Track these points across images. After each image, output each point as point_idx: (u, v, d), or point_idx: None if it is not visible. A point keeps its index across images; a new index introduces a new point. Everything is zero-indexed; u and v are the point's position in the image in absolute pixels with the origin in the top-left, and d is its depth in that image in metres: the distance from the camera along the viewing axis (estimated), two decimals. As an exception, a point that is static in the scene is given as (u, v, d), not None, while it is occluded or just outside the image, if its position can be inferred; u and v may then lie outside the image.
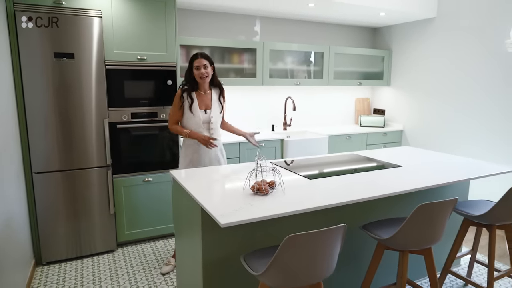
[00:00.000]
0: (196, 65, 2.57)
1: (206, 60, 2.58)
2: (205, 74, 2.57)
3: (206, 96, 2.68)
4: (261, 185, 1.83)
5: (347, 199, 1.79)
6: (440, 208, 1.72)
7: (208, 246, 1.82)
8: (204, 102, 2.67)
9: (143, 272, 2.80)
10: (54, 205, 2.86)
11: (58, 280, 2.69)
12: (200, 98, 2.66)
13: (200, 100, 2.65)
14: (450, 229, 2.71)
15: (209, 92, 2.70)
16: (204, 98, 2.67)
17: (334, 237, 1.42)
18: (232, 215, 1.56)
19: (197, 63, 2.56)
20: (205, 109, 2.66)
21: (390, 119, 4.84)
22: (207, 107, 2.67)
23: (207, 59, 2.59)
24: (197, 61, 2.56)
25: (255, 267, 1.55)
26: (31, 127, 2.71)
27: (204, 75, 2.57)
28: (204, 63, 2.56)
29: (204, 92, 2.67)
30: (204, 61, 2.57)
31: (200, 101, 2.65)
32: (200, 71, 2.56)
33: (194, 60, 2.58)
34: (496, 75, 3.55)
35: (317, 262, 1.44)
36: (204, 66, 2.57)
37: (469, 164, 2.59)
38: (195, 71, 2.58)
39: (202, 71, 2.56)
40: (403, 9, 3.87)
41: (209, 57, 2.61)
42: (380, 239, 1.87)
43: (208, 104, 2.67)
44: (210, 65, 2.61)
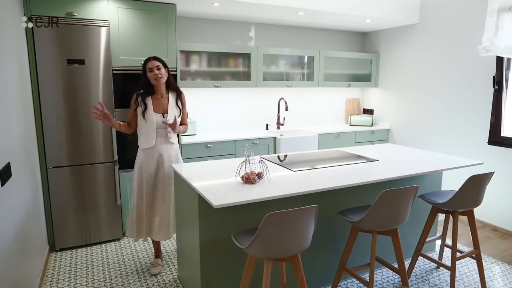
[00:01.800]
0: (149, 67, 2.62)
1: (159, 62, 2.63)
2: (158, 75, 2.61)
3: (163, 99, 2.72)
4: (250, 175, 2.13)
5: (322, 186, 2.09)
6: (401, 193, 2.02)
7: (204, 228, 2.12)
8: (161, 105, 2.70)
9: (148, 258, 3.09)
10: (66, 197, 3.16)
11: (71, 264, 2.99)
12: (157, 102, 2.69)
13: (157, 104, 2.69)
14: (423, 217, 3.01)
15: (166, 95, 2.74)
16: (161, 101, 2.71)
17: (307, 215, 1.72)
18: (224, 198, 1.86)
19: (150, 65, 2.61)
20: (162, 113, 2.69)
21: (378, 118, 5.14)
22: (164, 111, 2.70)
23: (160, 61, 2.64)
24: (150, 63, 2.62)
25: (243, 242, 1.85)
26: (46, 126, 3.01)
27: (158, 76, 2.61)
28: (157, 65, 2.61)
29: (161, 96, 2.71)
30: (156, 63, 2.62)
31: (157, 105, 2.68)
32: (153, 72, 2.61)
33: (147, 63, 2.63)
34: (472, 76, 3.84)
35: (293, 237, 1.73)
36: (157, 67, 2.61)
37: (441, 158, 2.90)
38: (149, 73, 2.62)
39: (155, 72, 2.60)
40: (388, 16, 4.17)
41: (162, 60, 2.67)
42: (352, 221, 2.16)
43: (165, 108, 2.71)
44: (163, 67, 2.66)
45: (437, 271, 2.92)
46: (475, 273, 2.87)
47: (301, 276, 1.87)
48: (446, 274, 2.86)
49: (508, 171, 3.56)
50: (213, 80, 4.03)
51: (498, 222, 3.70)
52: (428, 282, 2.75)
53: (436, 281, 2.76)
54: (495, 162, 3.64)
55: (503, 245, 3.39)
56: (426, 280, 2.78)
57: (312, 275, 2.58)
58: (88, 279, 2.76)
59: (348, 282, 2.75)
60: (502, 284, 2.73)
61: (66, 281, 2.74)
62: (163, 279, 2.75)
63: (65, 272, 2.86)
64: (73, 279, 2.77)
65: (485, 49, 3.49)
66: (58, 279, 2.77)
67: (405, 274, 2.27)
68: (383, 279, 2.80)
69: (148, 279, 2.76)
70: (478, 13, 3.70)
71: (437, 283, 2.74)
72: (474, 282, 2.75)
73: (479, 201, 2.48)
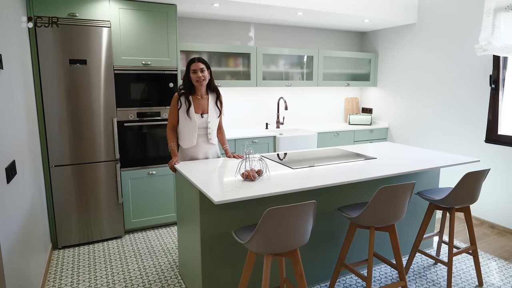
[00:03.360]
0: (193, 69, 2.63)
1: (203, 64, 2.64)
2: (202, 78, 2.63)
3: (202, 100, 2.73)
4: (250, 173, 2.17)
5: (321, 183, 2.14)
6: (398, 190, 2.06)
7: (205, 224, 2.16)
8: (201, 106, 2.71)
9: (149, 255, 3.13)
10: (69, 195, 3.20)
11: (73, 261, 3.03)
12: (197, 102, 2.70)
13: (197, 104, 2.70)
14: (421, 214, 3.05)
15: (205, 96, 2.74)
16: (200, 102, 2.72)
17: (305, 211, 1.76)
18: (224, 195, 1.90)
19: (194, 67, 2.63)
20: (202, 113, 2.71)
21: (377, 117, 5.18)
22: (204, 111, 2.72)
23: (204, 63, 2.65)
24: (194, 65, 2.63)
25: (243, 238, 1.89)
26: (49, 126, 3.05)
27: (201, 78, 2.62)
28: (201, 67, 2.63)
29: (200, 97, 2.72)
30: (201, 65, 2.63)
31: (196, 105, 2.70)
32: (197, 74, 2.62)
33: (191, 64, 2.64)
34: (469, 76, 3.88)
35: (292, 232, 1.78)
36: (201, 70, 2.62)
37: (438, 156, 2.94)
38: (192, 74, 2.64)
39: (199, 74, 2.62)
40: (385, 16, 4.22)
41: (206, 61, 2.68)
42: (351, 217, 2.21)
43: (204, 109, 2.72)
44: (207, 69, 2.67)
45: (434, 267, 2.96)
46: (472, 269, 2.91)
47: (300, 271, 1.92)
48: (444, 270, 2.90)
49: (505, 168, 3.61)
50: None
51: (496, 219, 3.75)
52: (426, 278, 2.79)
53: (434, 277, 2.81)
54: (492, 160, 3.68)
55: (500, 242, 3.43)
56: (423, 276, 2.82)
57: (312, 271, 2.62)
58: (90, 276, 2.81)
59: (347, 278, 2.79)
60: (498, 279, 2.78)
61: (69, 277, 2.79)
62: (164, 276, 2.80)
63: (68, 269, 2.90)
64: (76, 275, 2.81)
65: (482, 49, 3.54)
66: (61, 275, 2.81)
67: (402, 269, 2.31)
68: (381, 275, 2.84)
69: (150, 275, 2.80)
70: (475, 13, 3.75)
71: (434, 279, 2.78)
72: (471, 278, 2.79)
73: (475, 197, 2.52)
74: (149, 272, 2.86)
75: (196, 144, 2.72)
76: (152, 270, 2.88)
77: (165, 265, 2.96)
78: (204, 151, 2.77)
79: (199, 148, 2.74)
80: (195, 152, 2.74)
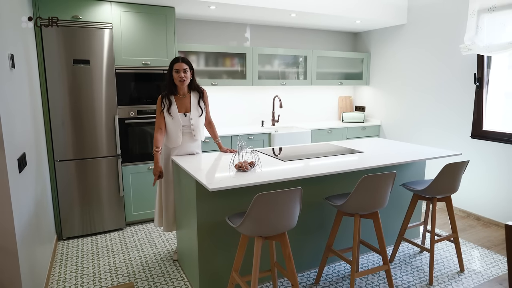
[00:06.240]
0: (176, 68, 2.66)
1: (186, 65, 2.67)
2: (183, 78, 2.66)
3: (185, 99, 2.78)
4: (243, 164, 2.34)
5: (309, 173, 2.30)
6: (380, 179, 2.23)
7: (201, 212, 2.32)
8: (184, 105, 2.77)
9: (149, 246, 3.30)
10: (72, 188, 3.36)
11: (77, 251, 3.19)
12: (180, 101, 2.76)
13: (180, 104, 2.75)
14: (407, 204, 3.21)
15: (188, 95, 2.80)
16: (183, 101, 2.77)
17: (292, 196, 1.93)
18: (218, 183, 2.06)
19: (177, 66, 2.65)
20: (185, 112, 2.76)
21: (370, 115, 5.35)
22: (187, 110, 2.77)
23: (188, 64, 2.69)
24: (178, 64, 2.66)
25: (236, 222, 2.05)
26: (54, 122, 3.22)
27: (182, 78, 2.66)
28: (184, 68, 2.66)
29: (183, 96, 2.77)
30: (184, 66, 2.66)
31: (179, 104, 2.75)
32: (179, 74, 2.65)
33: (175, 64, 2.66)
34: (456, 74, 4.05)
35: (281, 216, 1.94)
36: (184, 70, 2.66)
37: (422, 150, 3.11)
38: (175, 74, 2.67)
39: (181, 74, 2.65)
40: (376, 17, 4.38)
41: (190, 62, 2.72)
42: (337, 205, 2.37)
43: (187, 107, 2.77)
44: (189, 70, 2.70)
45: (420, 255, 3.12)
46: (455, 257, 3.07)
47: (288, 253, 2.08)
48: (428, 257, 3.07)
49: (490, 163, 3.77)
50: (210, 79, 4.24)
51: (481, 211, 3.91)
52: (411, 265, 2.96)
53: (418, 264, 2.97)
54: (478, 155, 3.85)
55: (484, 233, 3.59)
56: (409, 263, 2.98)
57: (303, 258, 2.79)
58: (94, 264, 2.97)
59: (336, 264, 2.95)
60: (479, 266, 2.94)
61: (74, 265, 2.95)
62: (164, 264, 2.96)
63: (73, 258, 3.07)
64: (80, 263, 2.98)
65: (466, 48, 3.70)
66: (66, 264, 2.98)
67: (386, 255, 2.47)
68: (369, 262, 3.00)
69: (150, 263, 2.97)
70: (461, 14, 3.92)
71: (418, 265, 2.94)
72: (453, 264, 2.96)
73: (456, 188, 2.69)
74: (149, 260, 3.02)
75: (181, 143, 2.81)
76: (152, 259, 3.05)
77: (164, 254, 3.12)
78: (189, 150, 2.86)
79: (183, 147, 2.83)
80: (179, 150, 2.83)
